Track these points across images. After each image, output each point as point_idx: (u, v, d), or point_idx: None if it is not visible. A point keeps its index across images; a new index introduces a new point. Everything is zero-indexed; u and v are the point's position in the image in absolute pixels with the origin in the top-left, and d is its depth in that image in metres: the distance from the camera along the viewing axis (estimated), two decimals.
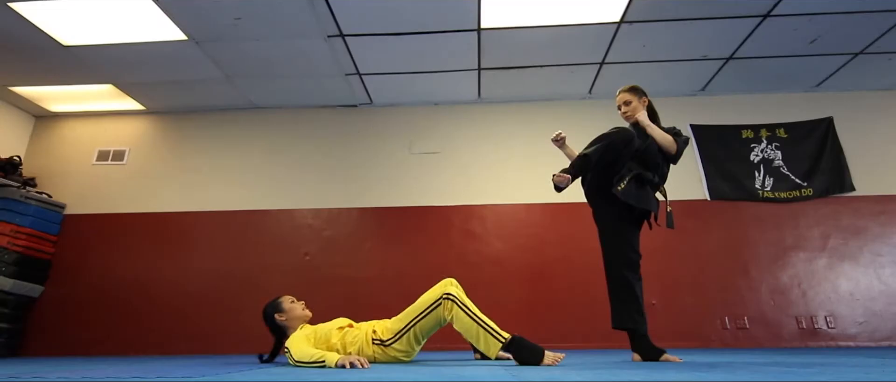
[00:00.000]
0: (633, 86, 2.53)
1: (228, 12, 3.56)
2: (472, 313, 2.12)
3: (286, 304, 2.56)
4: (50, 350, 4.28)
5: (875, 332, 4.05)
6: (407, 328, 2.25)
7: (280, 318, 2.52)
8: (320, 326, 2.43)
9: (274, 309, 2.55)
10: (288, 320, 2.51)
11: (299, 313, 2.54)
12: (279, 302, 2.57)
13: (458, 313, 2.13)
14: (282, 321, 2.52)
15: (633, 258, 2.31)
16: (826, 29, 3.86)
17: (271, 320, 2.53)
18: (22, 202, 4.37)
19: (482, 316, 2.12)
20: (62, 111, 5.05)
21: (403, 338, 2.26)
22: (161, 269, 4.50)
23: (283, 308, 2.54)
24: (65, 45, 3.88)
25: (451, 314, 2.16)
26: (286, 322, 2.51)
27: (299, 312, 2.54)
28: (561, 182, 2.24)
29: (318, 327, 2.42)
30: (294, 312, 2.53)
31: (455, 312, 2.14)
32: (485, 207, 4.57)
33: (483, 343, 2.07)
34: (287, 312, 2.53)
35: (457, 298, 2.16)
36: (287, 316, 2.52)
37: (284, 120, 5.01)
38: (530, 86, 4.68)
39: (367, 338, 2.33)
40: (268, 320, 2.55)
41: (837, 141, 4.57)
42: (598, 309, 2.88)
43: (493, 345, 2.05)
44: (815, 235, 4.34)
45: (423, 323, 2.23)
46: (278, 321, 2.52)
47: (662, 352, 2.19)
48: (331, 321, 2.47)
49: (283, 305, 2.56)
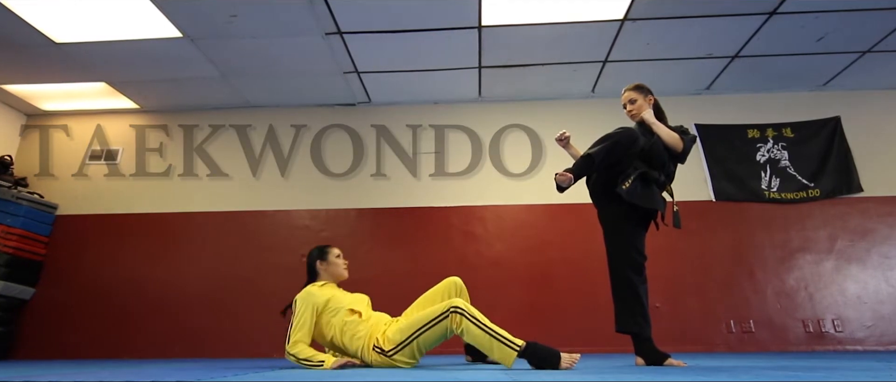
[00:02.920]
0: (639, 84, 2.50)
1: (224, 9, 3.49)
2: (482, 324, 2.04)
3: (332, 256, 2.62)
4: (42, 353, 4.22)
5: (883, 336, 3.98)
6: (410, 339, 2.18)
7: (320, 265, 2.59)
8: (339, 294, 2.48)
9: (320, 256, 2.61)
10: (325, 269, 2.59)
11: (338, 271, 2.61)
12: (328, 251, 2.62)
13: (467, 326, 2.06)
14: (320, 268, 2.58)
15: (638, 259, 2.27)
16: (833, 26, 3.80)
17: (312, 263, 2.60)
18: (13, 203, 4.31)
19: (492, 326, 2.05)
20: (54, 110, 4.99)
21: (405, 349, 2.20)
22: (155, 270, 4.43)
23: (328, 260, 2.60)
24: (57, 42, 3.82)
25: (460, 328, 2.08)
26: (323, 271, 2.58)
27: (339, 270, 2.61)
28: (563, 182, 2.21)
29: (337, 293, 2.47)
30: (335, 268, 2.60)
31: (465, 325, 2.06)
32: (485, 208, 4.51)
33: (497, 354, 2.00)
34: (329, 264, 2.60)
35: (465, 311, 2.08)
36: (327, 266, 2.59)
37: (281, 119, 4.95)
38: (532, 84, 4.62)
39: (368, 343, 2.28)
40: (310, 261, 2.62)
41: (845, 141, 4.51)
42: (602, 312, 2.82)
43: (508, 355, 1.97)
44: (822, 236, 4.27)
45: (427, 335, 2.16)
46: (317, 267, 2.59)
47: (666, 356, 2.15)
48: (352, 295, 2.51)
49: (330, 256, 2.61)
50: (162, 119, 5.02)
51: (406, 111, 4.93)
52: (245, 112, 4.99)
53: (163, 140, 4.94)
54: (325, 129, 4.91)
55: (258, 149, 4.86)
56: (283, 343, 2.32)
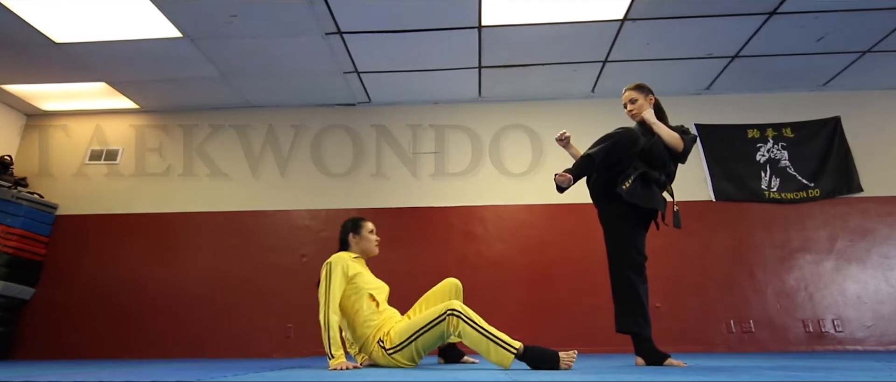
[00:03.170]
0: (640, 84, 2.49)
1: (224, 9, 3.49)
2: (479, 327, 2.05)
3: (366, 231, 2.58)
4: (41, 353, 4.22)
5: (883, 336, 3.98)
6: (409, 340, 2.20)
7: (353, 238, 2.55)
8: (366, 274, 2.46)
9: (353, 228, 2.57)
10: (357, 243, 2.55)
11: (370, 247, 2.57)
12: (362, 225, 2.59)
13: (464, 328, 2.06)
14: (351, 241, 2.55)
15: (638, 260, 2.26)
16: (833, 26, 3.80)
17: (345, 235, 2.57)
18: (13, 203, 4.31)
19: (489, 328, 2.05)
20: (54, 110, 4.99)
21: (405, 350, 2.22)
22: (155, 271, 4.43)
23: (361, 234, 2.56)
24: (57, 42, 3.82)
25: (457, 330, 2.09)
26: (354, 244, 2.55)
27: (370, 246, 2.57)
28: (563, 182, 2.21)
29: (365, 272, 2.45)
30: (367, 243, 2.56)
31: (462, 327, 2.07)
32: (485, 208, 4.50)
33: (494, 356, 2.00)
34: (361, 238, 2.56)
35: (462, 313, 2.09)
36: (359, 240, 2.55)
37: (281, 119, 4.95)
38: (532, 84, 4.62)
39: (376, 335, 2.32)
40: (343, 232, 2.58)
41: (845, 141, 4.51)
42: (602, 312, 2.82)
43: (505, 357, 1.98)
44: (822, 236, 4.27)
45: (425, 338, 2.18)
46: (349, 239, 2.55)
47: (666, 356, 2.15)
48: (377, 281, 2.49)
49: (364, 230, 2.57)
50: (162, 119, 5.01)
51: (406, 111, 4.93)
52: (245, 112, 4.99)
53: (163, 140, 4.93)
54: (325, 129, 4.90)
55: (258, 149, 4.85)
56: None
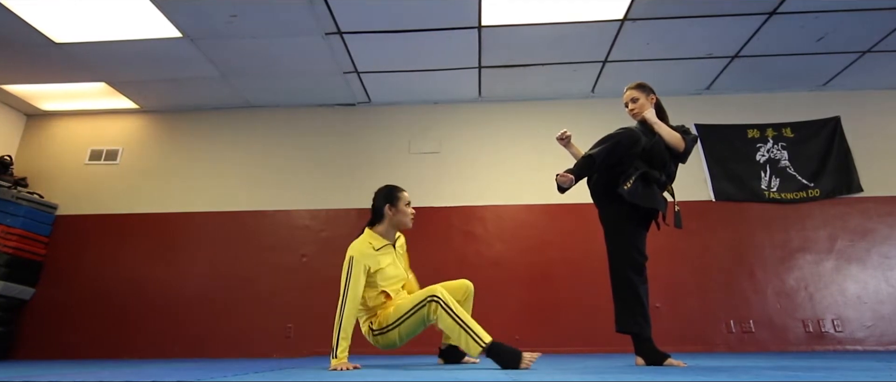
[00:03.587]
0: (641, 83, 2.48)
1: (224, 9, 3.49)
2: (455, 315, 2.16)
3: (401, 203, 2.46)
4: (41, 353, 4.22)
5: (883, 336, 3.98)
6: (394, 325, 2.32)
7: (388, 210, 2.44)
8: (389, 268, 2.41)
9: (389, 199, 2.45)
10: (392, 216, 2.44)
11: (404, 220, 2.47)
12: (398, 196, 2.46)
13: (441, 314, 2.18)
14: (387, 213, 2.44)
15: (639, 260, 2.26)
16: (833, 26, 3.80)
17: (380, 206, 2.45)
18: (13, 203, 4.31)
19: (465, 318, 2.16)
20: (54, 110, 4.99)
21: (389, 334, 2.34)
22: (155, 271, 4.43)
23: (397, 206, 2.45)
24: (57, 42, 3.82)
25: (435, 315, 2.21)
26: (389, 217, 2.44)
27: (405, 220, 2.47)
28: (564, 182, 2.21)
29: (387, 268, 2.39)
30: (403, 216, 2.46)
31: (439, 313, 2.19)
32: (485, 208, 4.50)
33: (464, 344, 2.14)
34: (397, 211, 2.45)
35: (441, 299, 2.19)
36: (394, 213, 2.44)
37: (281, 119, 4.95)
38: (532, 84, 4.62)
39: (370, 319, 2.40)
40: (376, 202, 2.47)
41: (845, 141, 4.51)
42: (602, 312, 2.82)
43: (473, 347, 2.11)
44: (822, 236, 4.27)
45: (408, 323, 2.29)
46: (384, 211, 2.44)
47: (666, 356, 2.14)
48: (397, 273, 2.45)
49: (399, 203, 2.45)
50: (162, 119, 5.01)
51: (406, 111, 4.93)
52: (245, 112, 4.99)
53: (163, 140, 4.93)
54: (325, 129, 4.90)
55: (258, 149, 4.85)
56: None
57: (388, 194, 2.47)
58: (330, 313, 4.37)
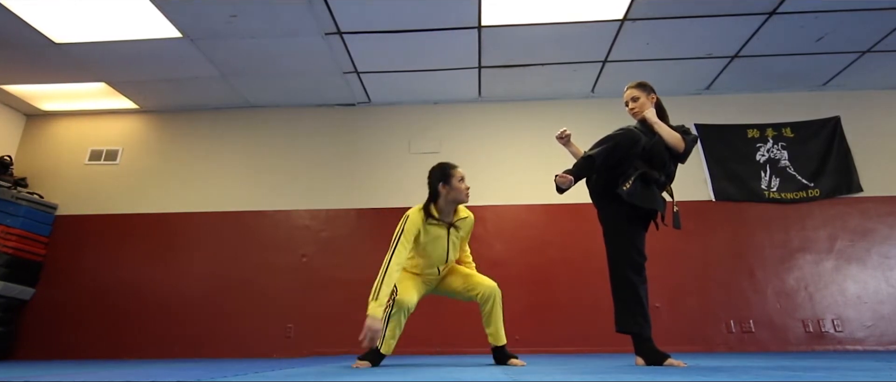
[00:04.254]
0: (642, 82, 2.48)
1: (224, 9, 3.49)
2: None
3: (455, 180, 2.46)
4: (41, 354, 4.21)
5: (883, 336, 3.98)
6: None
7: (443, 188, 2.46)
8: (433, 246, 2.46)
9: (443, 177, 2.47)
10: (446, 194, 2.46)
11: (459, 196, 2.47)
12: (451, 173, 2.47)
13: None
14: (441, 191, 2.46)
15: (638, 259, 2.25)
16: (833, 26, 3.80)
17: (434, 183, 2.48)
18: (12, 203, 4.31)
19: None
20: (54, 110, 4.99)
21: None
22: (155, 271, 4.43)
23: (451, 183, 2.46)
24: (57, 42, 3.82)
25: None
26: (444, 194, 2.46)
27: (460, 195, 2.47)
28: (563, 183, 2.21)
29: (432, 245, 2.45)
30: (457, 193, 2.46)
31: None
32: (485, 208, 4.50)
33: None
34: (451, 188, 2.46)
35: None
36: (448, 190, 2.46)
37: (281, 119, 4.95)
38: (532, 84, 4.62)
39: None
40: (432, 180, 2.50)
41: (845, 141, 4.51)
42: (602, 312, 2.82)
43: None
44: (822, 236, 4.27)
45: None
46: (439, 189, 2.46)
47: (666, 356, 2.14)
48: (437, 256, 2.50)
49: (453, 179, 2.46)
50: (162, 119, 5.01)
51: (406, 111, 4.92)
52: (245, 112, 4.99)
53: (163, 140, 4.93)
54: (326, 129, 4.90)
55: (258, 149, 4.85)
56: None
57: (442, 172, 2.48)
58: (330, 313, 4.38)
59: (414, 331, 4.07)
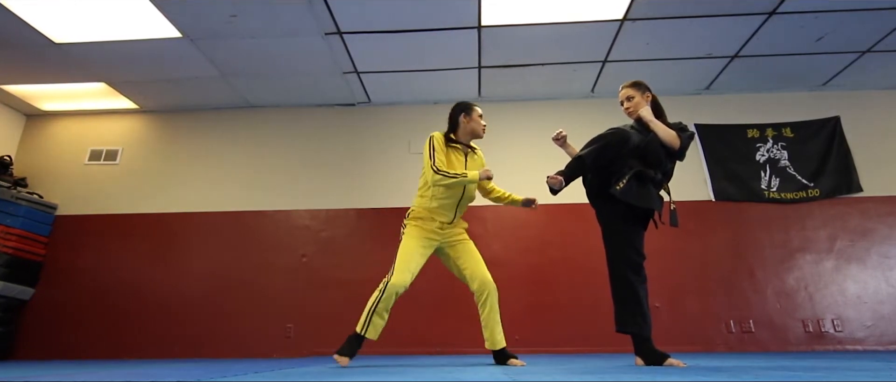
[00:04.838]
0: (636, 81, 2.48)
1: (224, 9, 3.49)
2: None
3: (475, 114, 2.69)
4: (41, 354, 4.21)
5: (883, 336, 3.98)
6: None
7: (463, 118, 2.68)
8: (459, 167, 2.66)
9: (465, 109, 2.69)
10: (466, 124, 2.68)
11: (477, 129, 2.70)
12: (473, 108, 2.70)
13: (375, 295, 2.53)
14: (461, 121, 2.68)
15: (637, 259, 2.25)
16: (832, 26, 3.80)
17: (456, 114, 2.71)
18: (12, 203, 4.31)
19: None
20: (54, 110, 4.99)
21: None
22: (155, 271, 4.43)
23: (471, 116, 2.68)
24: (57, 42, 3.82)
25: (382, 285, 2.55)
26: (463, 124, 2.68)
27: (478, 128, 2.70)
28: (554, 184, 2.24)
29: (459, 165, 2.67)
30: (475, 125, 2.69)
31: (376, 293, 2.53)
32: (485, 208, 4.49)
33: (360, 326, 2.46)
34: (471, 120, 2.68)
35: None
36: (468, 121, 2.68)
37: (281, 119, 4.95)
38: (532, 84, 4.62)
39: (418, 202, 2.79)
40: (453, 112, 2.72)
41: (845, 141, 4.51)
42: (601, 312, 2.82)
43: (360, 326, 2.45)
44: (822, 236, 4.27)
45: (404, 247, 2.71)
46: (459, 119, 2.69)
47: (666, 356, 2.14)
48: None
49: (473, 114, 2.69)
50: (162, 119, 5.01)
51: (406, 111, 4.92)
52: (245, 112, 4.99)
53: (162, 140, 4.93)
54: (325, 129, 4.90)
55: (258, 149, 4.85)
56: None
57: (464, 106, 2.71)
58: (330, 313, 4.38)
59: (414, 331, 4.09)
